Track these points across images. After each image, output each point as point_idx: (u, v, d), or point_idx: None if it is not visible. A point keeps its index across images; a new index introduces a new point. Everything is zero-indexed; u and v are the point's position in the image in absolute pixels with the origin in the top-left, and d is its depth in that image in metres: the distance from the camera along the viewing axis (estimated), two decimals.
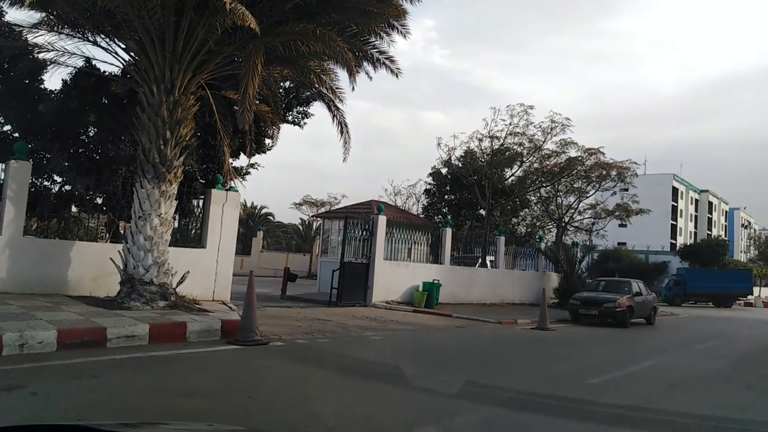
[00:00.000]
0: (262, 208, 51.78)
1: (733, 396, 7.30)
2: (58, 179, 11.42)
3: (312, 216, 40.85)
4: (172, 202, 9.87)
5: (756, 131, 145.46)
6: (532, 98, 43.04)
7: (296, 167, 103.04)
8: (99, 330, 7.15)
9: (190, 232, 12.42)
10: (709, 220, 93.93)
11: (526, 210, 29.72)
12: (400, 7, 10.41)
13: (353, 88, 10.06)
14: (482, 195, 25.19)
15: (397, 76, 11.69)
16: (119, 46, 9.99)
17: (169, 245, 10.06)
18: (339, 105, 11.33)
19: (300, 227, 53.28)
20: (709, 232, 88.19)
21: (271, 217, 53.12)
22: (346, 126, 11.36)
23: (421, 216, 29.57)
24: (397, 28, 11.00)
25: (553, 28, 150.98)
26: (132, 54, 9.70)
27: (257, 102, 11.11)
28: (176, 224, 11.63)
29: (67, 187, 11.28)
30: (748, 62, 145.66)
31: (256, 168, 15.58)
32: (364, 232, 16.73)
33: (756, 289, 55.42)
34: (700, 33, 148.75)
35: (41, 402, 4.72)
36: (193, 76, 9.76)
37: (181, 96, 9.65)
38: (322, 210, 42.31)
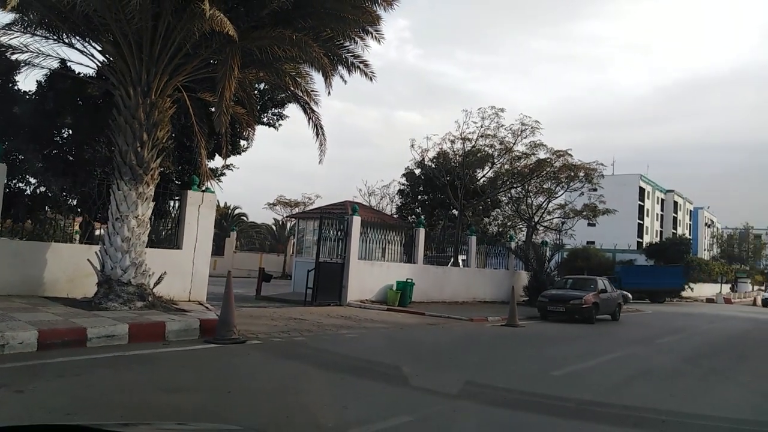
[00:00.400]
0: (235, 208, 51.49)
1: (684, 387, 7.80)
2: (33, 181, 11.39)
3: (287, 216, 40.89)
4: (149, 204, 9.98)
5: (719, 133, 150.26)
6: (504, 99, 44.14)
7: (269, 167, 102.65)
8: (79, 330, 7.27)
9: (165, 234, 12.49)
10: (675, 219, 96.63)
11: (498, 210, 30.35)
12: (374, 14, 10.69)
13: (329, 93, 10.34)
14: (455, 195, 25.68)
15: (371, 79, 12.00)
16: (95, 48, 10.05)
17: (146, 246, 10.17)
18: (315, 108, 11.57)
19: (273, 227, 53.14)
20: (674, 231, 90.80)
21: (244, 218, 52.85)
22: (322, 128, 11.62)
23: (394, 216, 29.94)
24: (372, 33, 11.28)
25: (525, 30, 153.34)
26: (108, 56, 9.78)
27: (233, 104, 11.28)
28: (151, 225, 11.69)
29: (42, 189, 11.26)
30: (713, 66, 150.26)
31: (231, 169, 15.70)
32: (339, 233, 16.98)
33: (717, 287, 57.39)
34: (668, 37, 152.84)
35: (28, 399, 4.88)
36: (169, 79, 9.88)
37: (158, 98, 9.77)
38: (297, 210, 42.35)
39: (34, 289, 9.99)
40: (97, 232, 12.33)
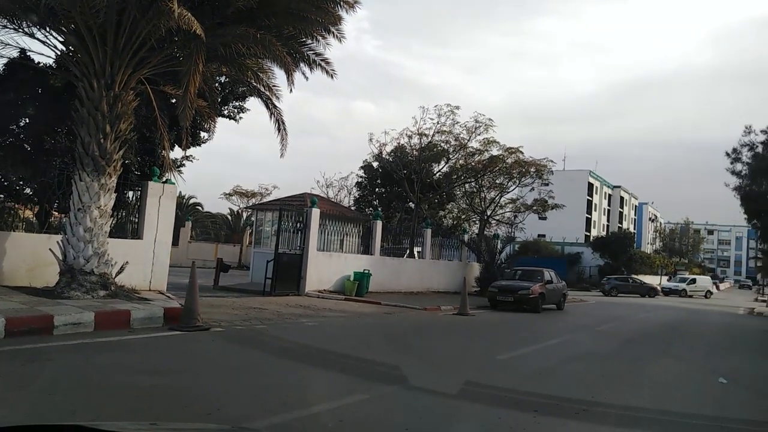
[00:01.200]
0: (190, 197, 50.75)
1: (614, 368, 8.64)
2: None
3: (245, 207, 40.70)
4: (112, 195, 10.13)
5: (663, 131, 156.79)
6: (459, 93, 45.26)
7: (224, 156, 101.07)
8: (46, 317, 7.47)
9: (125, 224, 12.58)
10: (621, 214, 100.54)
11: (452, 203, 31.21)
12: (336, 14, 11.10)
13: (291, 90, 10.69)
14: (411, 189, 26.35)
15: (332, 77, 12.39)
16: (57, 39, 10.07)
17: (107, 236, 10.30)
18: (276, 103, 11.88)
19: (229, 217, 52.70)
20: (620, 225, 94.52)
21: (199, 207, 52.19)
22: (284, 123, 11.96)
23: (352, 208, 30.38)
24: (333, 33, 11.67)
25: (480, 25, 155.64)
26: (71, 48, 9.83)
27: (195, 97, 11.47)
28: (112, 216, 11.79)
29: None
30: (657, 67, 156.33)
31: (191, 160, 15.81)
32: (298, 224, 17.33)
33: (658, 278, 60.42)
34: (615, 37, 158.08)
35: (6, 382, 5.16)
36: (133, 72, 10.02)
37: (122, 91, 9.90)
38: (253, 200, 42.22)
39: None
40: (54, 221, 12.29)
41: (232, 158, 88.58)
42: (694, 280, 48.39)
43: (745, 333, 16.64)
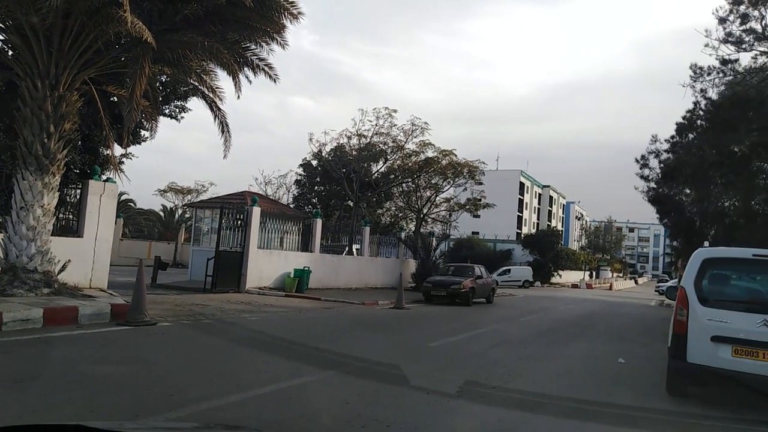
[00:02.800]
0: (122, 194, 49.11)
1: (531, 352, 9.71)
2: None
3: (184, 205, 40.05)
4: (55, 194, 10.25)
5: (589, 134, 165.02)
6: (397, 91, 46.26)
7: (156, 150, 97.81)
8: None
9: (65, 222, 12.58)
10: (550, 212, 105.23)
11: (390, 202, 32.16)
12: (280, 23, 11.59)
13: (239, 96, 11.13)
14: (350, 188, 27.07)
15: (275, 81, 12.84)
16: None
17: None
18: (221, 106, 12.25)
19: (162, 214, 51.50)
20: (549, 223, 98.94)
21: (132, 204, 50.62)
22: (228, 125, 12.34)
23: (291, 206, 30.73)
24: (277, 40, 12.18)
25: (418, 25, 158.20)
26: (14, 48, 9.86)
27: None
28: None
29: None
30: (585, 72, 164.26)
31: (130, 158, 15.82)
32: (239, 222, 17.66)
33: (581, 273, 63.98)
34: (547, 41, 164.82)
35: None
36: (78, 73, 10.17)
37: (66, 92, 10.04)
38: (189, 197, 41.61)
39: None
40: None
41: (164, 152, 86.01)
42: (508, 270, 43.78)
43: (651, 322, 18.43)
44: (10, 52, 11.10)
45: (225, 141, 12.39)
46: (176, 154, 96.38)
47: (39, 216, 9.90)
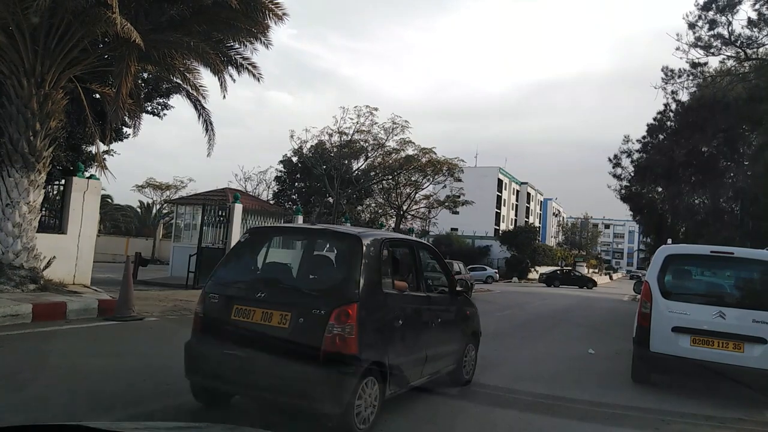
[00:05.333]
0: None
1: (509, 344, 10.15)
2: None
3: (166, 201, 39.85)
4: (41, 191, 10.35)
5: (565, 132, 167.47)
6: (376, 87, 46.54)
7: (132, 144, 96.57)
8: None
9: (46, 218, 12.62)
10: (527, 209, 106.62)
11: (370, 198, 32.51)
12: (264, 23, 11.78)
13: (224, 96, 11.33)
14: (331, 184, 27.34)
15: (258, 80, 13.06)
16: None
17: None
18: (205, 105, 12.42)
19: (139, 210, 51.06)
20: (527, 220, 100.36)
21: (109, 200, 50.03)
22: (212, 124, 12.53)
23: (271, 202, 30.86)
24: (261, 40, 12.38)
25: (396, 21, 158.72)
26: (0, 46, 9.90)
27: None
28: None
29: None
30: (561, 70, 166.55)
31: (112, 155, 15.86)
32: (221, 218, 17.80)
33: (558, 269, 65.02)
34: (525, 38, 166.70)
35: None
36: (63, 71, 10.28)
37: (52, 90, 10.14)
38: (168, 193, 41.44)
39: None
40: None
41: (139, 147, 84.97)
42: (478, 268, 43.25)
43: (622, 316, 19.09)
44: None
45: (209, 139, 12.58)
46: (151, 150, 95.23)
47: (25, 213, 10.00)
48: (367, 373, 4.30)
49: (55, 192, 12.85)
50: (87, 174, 12.95)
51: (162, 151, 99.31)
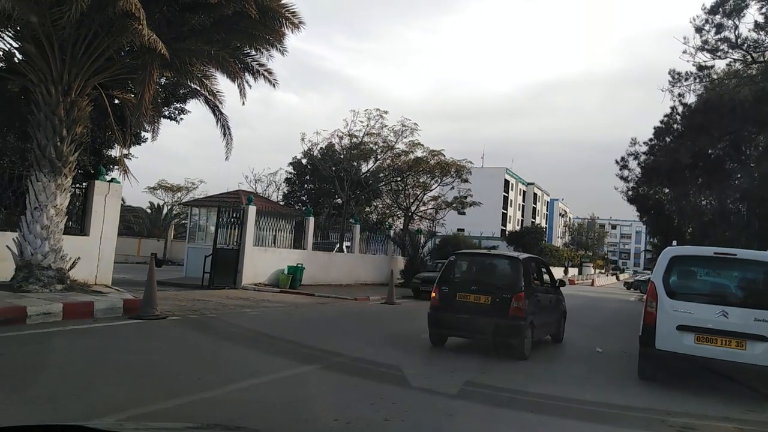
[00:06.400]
0: None
1: None
2: None
3: (180, 203, 40.37)
4: (67, 194, 10.76)
5: (571, 132, 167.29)
6: (381, 87, 46.99)
7: (142, 147, 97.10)
8: (19, 308, 8.18)
9: (69, 221, 13.02)
10: (534, 209, 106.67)
11: (378, 200, 32.81)
12: (280, 31, 12.16)
13: (243, 103, 11.71)
14: (341, 186, 27.70)
15: (274, 86, 13.43)
16: (12, 46, 10.55)
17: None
18: (222, 110, 12.79)
19: (149, 211, 51.62)
20: (533, 220, 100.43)
21: (121, 201, 50.53)
22: (229, 129, 12.89)
23: (281, 203, 31.26)
24: (277, 47, 12.75)
25: (400, 21, 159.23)
26: (29, 55, 10.31)
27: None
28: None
29: None
30: (566, 69, 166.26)
31: (130, 158, 16.26)
32: (235, 220, 18.20)
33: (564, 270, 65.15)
34: (528, 38, 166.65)
35: (12, 359, 6.06)
36: (89, 79, 10.67)
37: (78, 97, 10.54)
38: (179, 194, 41.93)
39: None
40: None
41: (148, 149, 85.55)
42: None
43: (628, 316, 19.33)
44: (17, 58, 11.60)
45: (227, 144, 12.95)
46: (160, 151, 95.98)
47: (52, 216, 10.40)
48: (528, 326, 8.44)
49: (77, 195, 13.27)
50: (108, 177, 13.38)
51: (170, 152, 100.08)
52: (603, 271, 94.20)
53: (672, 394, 6.90)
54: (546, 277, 10.54)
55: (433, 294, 9.01)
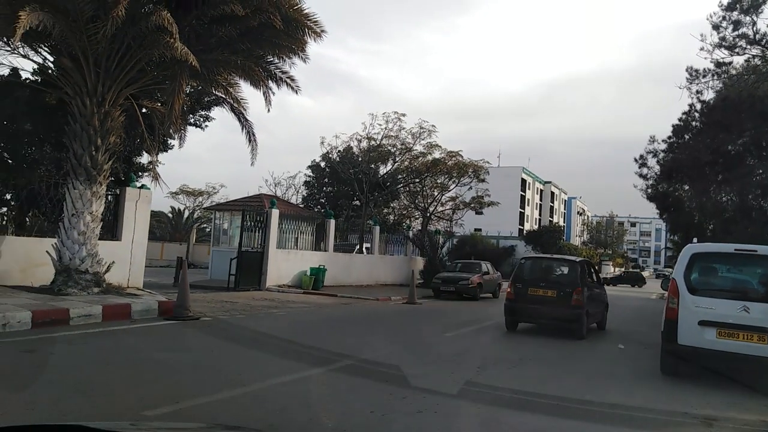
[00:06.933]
0: None
1: (538, 340, 10.65)
2: None
3: (206, 208, 41.16)
4: (102, 201, 11.21)
5: (587, 129, 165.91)
6: (395, 89, 47.01)
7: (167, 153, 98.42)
8: (63, 311, 8.60)
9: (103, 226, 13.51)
10: (551, 208, 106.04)
11: (396, 201, 33.09)
12: (303, 39, 12.50)
13: (269, 110, 12.06)
14: (360, 188, 28.05)
15: (296, 92, 13.79)
16: (48, 60, 11.02)
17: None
18: (248, 117, 13.17)
19: (170, 215, 52.52)
20: (551, 219, 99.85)
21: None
22: (254, 135, 13.28)
23: (300, 206, 31.69)
24: (299, 55, 13.10)
25: (414, 21, 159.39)
26: (65, 69, 10.76)
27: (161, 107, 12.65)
28: None
29: None
30: (581, 66, 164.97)
31: (157, 165, 16.73)
32: (259, 224, 18.61)
33: None
34: (542, 36, 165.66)
35: (62, 357, 6.45)
36: (121, 91, 11.12)
37: (111, 108, 10.99)
38: (200, 199, 42.67)
39: None
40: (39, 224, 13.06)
41: (168, 154, 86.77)
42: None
43: (649, 313, 19.35)
44: (51, 71, 12.07)
45: (252, 149, 13.33)
46: (178, 156, 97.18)
47: (88, 222, 10.85)
48: (585, 314, 10.71)
49: (109, 201, 13.75)
50: (138, 184, 13.84)
51: (188, 157, 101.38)
52: (623, 269, 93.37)
53: (694, 388, 7.05)
54: (594, 276, 12.81)
55: (509, 289, 11.56)
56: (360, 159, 28.40)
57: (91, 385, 5.31)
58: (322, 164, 32.61)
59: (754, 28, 17.39)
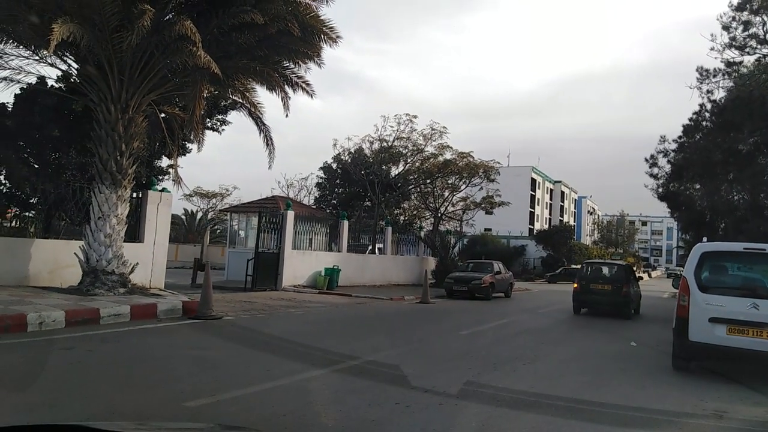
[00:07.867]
0: None
1: (552, 337, 10.88)
2: (8, 183, 12.40)
3: (222, 210, 41.70)
4: (126, 204, 11.59)
5: (597, 127, 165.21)
6: (403, 89, 47.30)
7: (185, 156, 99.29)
8: (94, 310, 8.97)
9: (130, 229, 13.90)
10: (561, 207, 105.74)
11: (408, 202, 33.37)
12: (318, 45, 12.82)
13: (287, 115, 12.39)
14: (372, 189, 28.37)
15: (311, 97, 14.09)
16: (73, 68, 11.41)
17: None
18: (265, 121, 13.51)
19: (184, 218, 53.15)
20: (561, 218, 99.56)
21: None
22: (272, 139, 13.61)
23: (313, 207, 32.06)
24: (315, 60, 13.41)
25: (422, 20, 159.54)
26: (90, 77, 11.14)
27: (181, 112, 13.03)
28: None
29: (13, 190, 12.32)
30: (591, 64, 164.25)
31: (176, 169, 17.12)
32: (274, 225, 18.96)
33: None
34: (551, 34, 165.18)
35: (100, 355, 6.79)
36: (144, 97, 11.49)
37: (134, 114, 11.36)
38: (214, 201, 43.18)
39: (20, 280, 11.25)
40: (64, 227, 13.49)
41: (185, 156, 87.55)
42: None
43: (661, 311, 19.48)
44: (74, 79, 12.47)
45: (269, 153, 13.67)
46: (191, 158, 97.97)
47: (114, 225, 11.23)
48: (630, 302, 15.79)
49: (132, 204, 14.15)
50: (159, 187, 14.23)
51: (200, 159, 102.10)
52: (635, 268, 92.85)
53: (704, 383, 7.26)
54: (634, 276, 17.56)
55: (575, 285, 16.59)
56: (371, 160, 28.71)
57: (132, 380, 5.64)
58: (334, 166, 32.94)
59: (764, 28, 17.49)
